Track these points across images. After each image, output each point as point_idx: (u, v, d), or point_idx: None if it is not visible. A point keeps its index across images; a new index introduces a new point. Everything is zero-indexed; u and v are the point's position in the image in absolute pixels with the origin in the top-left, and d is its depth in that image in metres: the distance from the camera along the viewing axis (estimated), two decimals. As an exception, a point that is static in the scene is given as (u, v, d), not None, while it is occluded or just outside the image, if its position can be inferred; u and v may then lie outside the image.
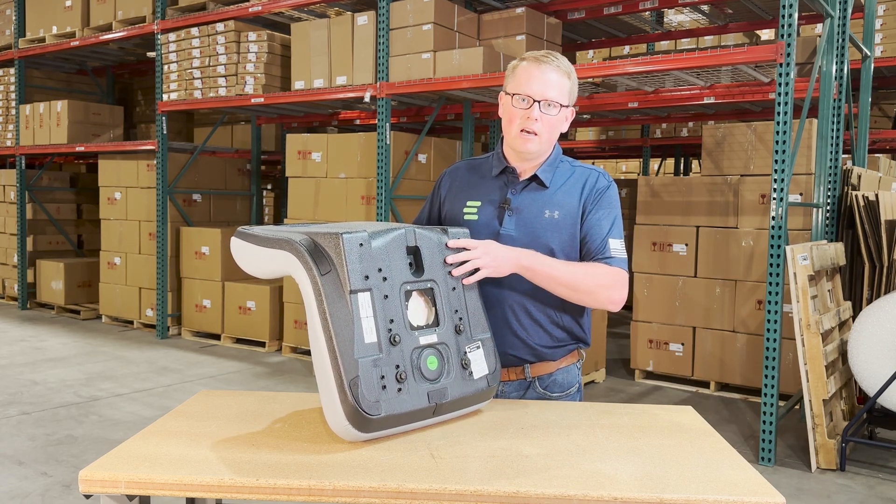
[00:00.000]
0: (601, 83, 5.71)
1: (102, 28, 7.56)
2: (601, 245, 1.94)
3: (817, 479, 3.91)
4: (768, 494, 1.41)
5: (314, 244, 1.66)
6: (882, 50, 6.49)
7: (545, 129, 1.93)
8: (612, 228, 1.96)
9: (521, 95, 1.92)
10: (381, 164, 5.65)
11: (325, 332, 1.59)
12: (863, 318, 4.15)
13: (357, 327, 1.60)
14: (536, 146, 1.95)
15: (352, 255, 1.63)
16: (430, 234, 1.80)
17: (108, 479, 1.46)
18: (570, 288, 1.90)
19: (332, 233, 1.65)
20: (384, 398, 1.59)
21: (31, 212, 8.96)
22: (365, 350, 1.60)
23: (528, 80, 1.92)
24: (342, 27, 5.82)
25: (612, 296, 1.91)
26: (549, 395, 2.04)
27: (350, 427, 1.58)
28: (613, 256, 1.93)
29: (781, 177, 4.03)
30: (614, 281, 1.91)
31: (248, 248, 1.80)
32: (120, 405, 4.92)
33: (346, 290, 1.61)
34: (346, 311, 1.60)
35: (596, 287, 1.90)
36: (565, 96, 1.94)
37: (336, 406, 1.58)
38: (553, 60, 1.93)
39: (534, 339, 1.99)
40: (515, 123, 1.94)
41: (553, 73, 1.91)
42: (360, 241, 1.65)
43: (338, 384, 1.57)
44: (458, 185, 2.08)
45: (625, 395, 5.54)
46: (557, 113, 1.93)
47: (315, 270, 1.61)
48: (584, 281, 1.89)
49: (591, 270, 1.91)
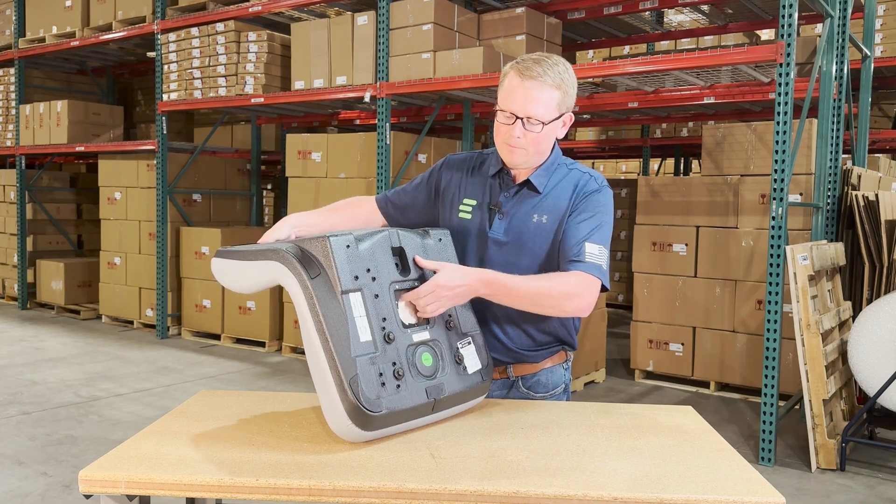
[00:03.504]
0: (601, 83, 5.72)
1: (102, 28, 7.56)
2: (575, 248, 1.85)
3: (817, 479, 3.91)
4: (768, 494, 1.41)
5: (301, 250, 1.68)
6: (882, 50, 6.49)
7: (530, 145, 1.87)
8: (592, 233, 1.87)
9: (504, 112, 1.87)
10: (381, 164, 5.65)
11: (321, 333, 1.59)
12: (863, 318, 4.15)
13: (352, 326, 1.62)
14: (522, 159, 1.91)
15: (340, 256, 1.65)
16: (413, 235, 1.83)
17: (107, 479, 1.46)
18: (534, 305, 1.83)
19: (318, 237, 1.67)
20: (384, 395, 1.60)
21: (31, 212, 8.96)
22: (361, 348, 1.61)
23: (511, 97, 1.85)
24: (342, 27, 5.82)
25: (579, 304, 1.82)
26: (532, 395, 2.02)
27: (352, 426, 1.58)
28: (586, 261, 1.83)
29: (781, 177, 4.03)
30: (581, 288, 1.82)
31: (232, 266, 1.80)
32: (120, 405, 4.92)
33: (338, 290, 1.63)
34: (340, 312, 1.62)
35: (560, 298, 1.81)
36: (553, 110, 1.86)
37: (337, 406, 1.58)
38: (538, 75, 1.83)
39: (515, 342, 1.97)
40: (500, 136, 1.91)
41: (536, 90, 1.83)
42: (347, 242, 1.68)
43: (337, 384, 1.57)
44: (455, 180, 2.06)
45: (625, 395, 5.54)
46: (541, 129, 1.86)
47: (305, 275, 1.62)
48: (547, 295, 1.81)
49: (555, 281, 1.83)
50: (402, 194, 2.14)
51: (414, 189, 2.13)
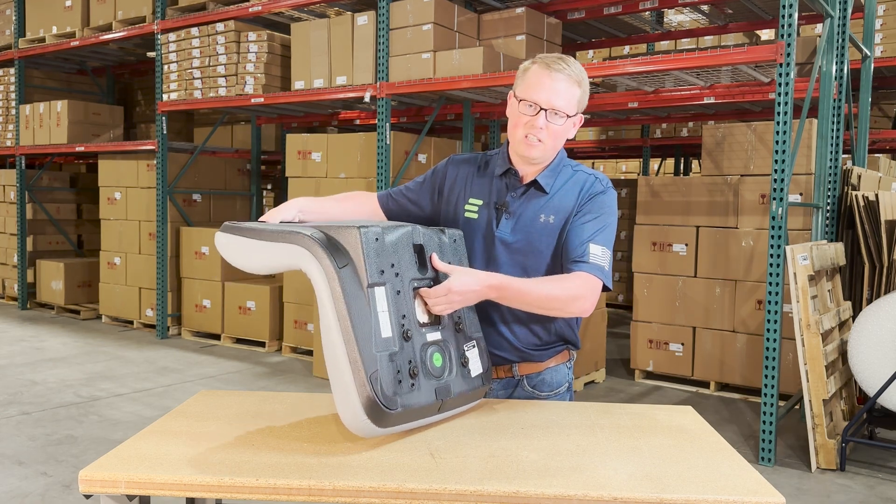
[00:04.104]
0: (601, 83, 5.72)
1: (102, 28, 7.56)
2: (579, 249, 1.89)
3: (817, 479, 3.91)
4: (768, 494, 1.41)
5: (328, 238, 1.63)
6: (882, 50, 6.49)
7: (549, 138, 1.90)
8: (596, 234, 1.90)
9: (527, 102, 1.88)
10: (381, 164, 5.65)
11: (344, 325, 1.56)
12: (863, 318, 4.15)
13: (375, 321, 1.59)
14: (540, 153, 1.92)
15: (370, 248, 1.62)
16: (432, 233, 1.82)
17: (107, 479, 1.46)
18: (542, 308, 1.86)
19: (349, 226, 1.63)
20: (400, 392, 1.59)
21: (31, 212, 8.96)
22: (383, 344, 1.59)
23: (536, 87, 1.87)
24: (342, 27, 5.82)
25: (583, 306, 1.86)
26: (537, 394, 2.03)
27: (367, 421, 1.56)
28: (589, 262, 1.87)
29: (781, 177, 4.03)
30: (586, 290, 1.85)
31: (242, 242, 1.74)
32: (120, 405, 4.92)
33: (364, 283, 1.60)
34: (365, 305, 1.59)
35: (567, 301, 1.85)
36: (573, 105, 1.89)
37: (352, 399, 1.55)
38: (564, 68, 1.87)
39: (521, 341, 1.98)
40: (520, 129, 1.91)
41: (563, 82, 1.86)
42: (376, 235, 1.65)
43: (357, 378, 1.55)
44: (461, 180, 2.06)
45: (625, 395, 5.54)
46: (563, 122, 1.89)
47: (332, 264, 1.58)
48: (556, 298, 1.84)
49: (562, 284, 1.86)
50: (406, 192, 2.14)
51: (417, 187, 2.13)
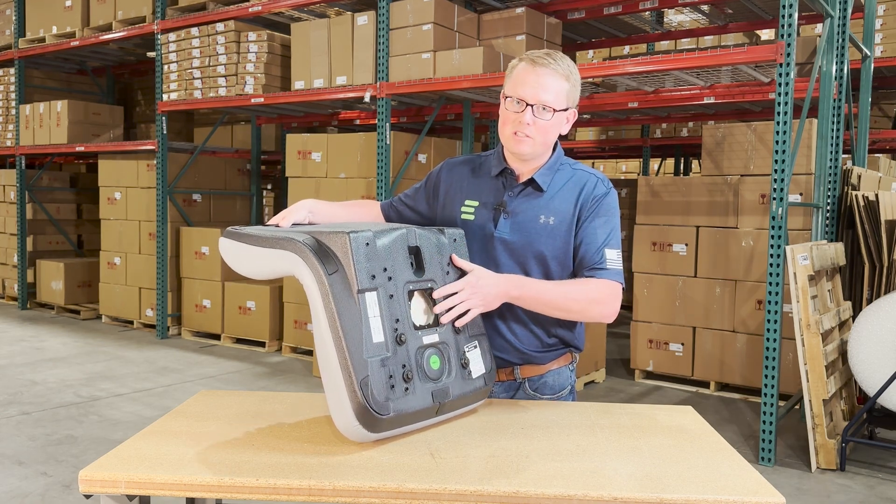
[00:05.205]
0: (601, 83, 5.71)
1: (102, 28, 7.56)
2: (596, 255, 1.89)
3: (817, 479, 3.91)
4: (768, 494, 1.41)
5: (318, 244, 1.63)
6: (882, 50, 6.49)
7: (538, 133, 1.88)
8: (608, 238, 1.90)
9: (514, 98, 1.87)
10: (381, 164, 5.65)
11: (334, 331, 1.56)
12: (863, 318, 4.15)
13: (366, 327, 1.59)
14: (529, 148, 1.91)
15: (359, 254, 1.62)
16: (429, 234, 1.81)
17: (107, 479, 1.46)
18: (561, 310, 1.87)
19: (339, 231, 1.63)
20: (393, 398, 1.59)
21: (31, 212, 8.96)
22: (374, 350, 1.59)
23: (523, 84, 1.87)
24: (342, 27, 5.82)
25: (604, 311, 1.87)
26: (539, 396, 2.02)
27: (360, 427, 1.56)
28: (608, 268, 1.88)
29: (781, 177, 4.03)
30: (607, 295, 1.87)
31: (242, 249, 1.75)
32: (120, 405, 4.92)
33: (354, 289, 1.60)
34: (355, 311, 1.59)
35: (588, 304, 1.86)
36: (562, 100, 1.88)
37: (345, 406, 1.56)
38: (549, 63, 1.86)
39: (524, 343, 1.97)
40: (508, 126, 1.90)
41: (549, 77, 1.85)
42: (367, 240, 1.64)
43: (347, 384, 1.55)
44: (456, 183, 2.05)
45: (625, 395, 5.54)
46: (551, 117, 1.88)
47: (322, 270, 1.59)
48: (575, 300, 1.85)
49: (582, 287, 1.87)
50: (404, 199, 2.16)
51: (414, 194, 2.15)
